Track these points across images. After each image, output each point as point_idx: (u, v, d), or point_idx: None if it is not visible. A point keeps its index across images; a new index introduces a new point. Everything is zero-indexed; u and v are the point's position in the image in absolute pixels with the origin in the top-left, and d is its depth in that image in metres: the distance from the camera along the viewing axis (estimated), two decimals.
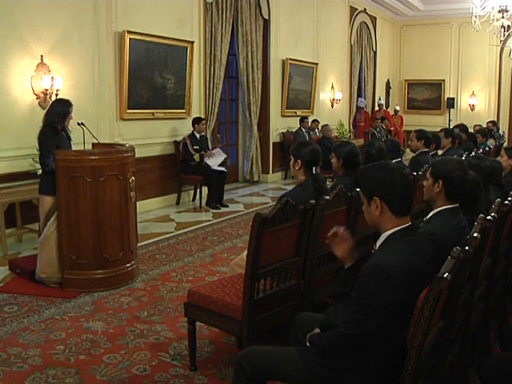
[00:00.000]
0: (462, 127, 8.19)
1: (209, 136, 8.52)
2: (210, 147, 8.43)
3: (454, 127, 8.42)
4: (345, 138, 12.35)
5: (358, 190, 3.39)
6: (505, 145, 9.08)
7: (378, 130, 12.36)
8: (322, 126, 10.62)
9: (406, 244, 2.10)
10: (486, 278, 3.00)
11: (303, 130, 10.56)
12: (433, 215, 2.74)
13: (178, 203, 7.95)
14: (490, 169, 3.58)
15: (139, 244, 5.29)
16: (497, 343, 3.23)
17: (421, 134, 5.64)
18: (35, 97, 5.93)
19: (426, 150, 5.61)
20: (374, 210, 2.15)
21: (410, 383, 1.95)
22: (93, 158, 4.32)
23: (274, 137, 10.49)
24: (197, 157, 7.73)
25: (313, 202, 3.07)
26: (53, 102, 4.73)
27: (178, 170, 7.90)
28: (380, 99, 14.80)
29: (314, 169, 3.42)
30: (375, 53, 14.77)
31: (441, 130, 6.67)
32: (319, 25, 11.70)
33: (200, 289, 3.19)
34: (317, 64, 11.52)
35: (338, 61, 12.82)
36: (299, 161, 3.42)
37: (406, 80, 16.13)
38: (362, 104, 14.07)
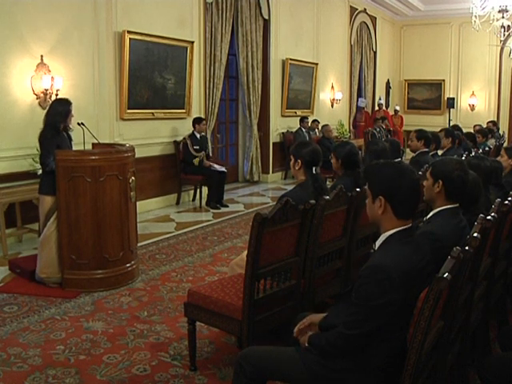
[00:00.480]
0: (456, 127, 8.24)
1: (209, 136, 8.52)
2: (211, 148, 8.45)
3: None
4: (345, 138, 12.34)
5: (358, 189, 3.42)
6: (505, 145, 9.08)
7: (377, 130, 12.35)
8: (322, 126, 10.62)
9: (405, 244, 2.10)
10: (486, 278, 3.00)
11: (303, 129, 10.55)
12: (433, 215, 2.74)
13: (178, 203, 7.95)
14: (490, 169, 3.58)
15: (139, 244, 5.29)
16: (497, 343, 3.22)
17: (421, 134, 5.64)
18: (35, 97, 5.93)
19: (426, 149, 5.61)
20: (378, 209, 2.14)
21: (410, 383, 1.95)
22: (93, 158, 4.32)
23: (274, 137, 10.48)
24: (196, 161, 7.72)
25: (313, 202, 3.07)
26: (52, 103, 4.73)
27: (178, 170, 7.89)
28: (380, 99, 14.80)
29: (313, 169, 3.42)
30: (375, 53, 14.77)
31: (441, 130, 6.68)
32: (319, 25, 11.70)
33: (200, 289, 3.19)
34: (317, 64, 11.52)
35: (338, 61, 12.82)
36: (299, 161, 3.42)
37: (406, 80, 16.13)
38: (362, 104, 14.07)
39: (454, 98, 15.17)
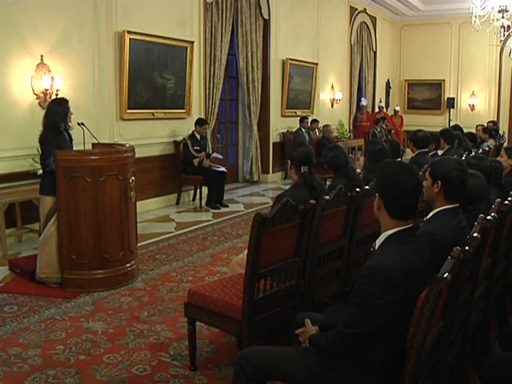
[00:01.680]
0: (456, 127, 8.27)
1: (209, 136, 8.52)
2: (211, 149, 8.44)
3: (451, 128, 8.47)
4: (345, 138, 12.35)
5: (357, 189, 3.42)
6: (505, 145, 9.08)
7: (378, 130, 12.34)
8: (323, 127, 10.60)
9: (405, 245, 2.10)
10: (486, 278, 3.00)
11: (303, 130, 10.54)
12: (433, 215, 2.73)
13: (177, 203, 7.95)
14: (490, 169, 3.58)
15: (139, 244, 5.29)
16: (497, 343, 3.23)
17: (414, 138, 5.65)
18: (35, 97, 5.93)
19: (425, 150, 5.62)
20: (375, 205, 2.20)
21: (410, 383, 1.95)
22: (93, 158, 4.32)
23: (274, 137, 10.48)
24: (196, 161, 7.72)
25: (313, 202, 3.07)
26: (49, 104, 4.71)
27: (178, 170, 7.89)
28: (380, 101, 14.81)
29: (301, 168, 3.43)
30: (375, 53, 14.77)
31: (440, 131, 6.69)
32: (319, 25, 11.70)
33: (200, 289, 3.19)
34: (317, 64, 11.52)
35: (338, 61, 12.82)
36: (289, 161, 3.51)
37: (406, 80, 16.12)
38: (364, 102, 14.05)
39: (454, 98, 15.17)
